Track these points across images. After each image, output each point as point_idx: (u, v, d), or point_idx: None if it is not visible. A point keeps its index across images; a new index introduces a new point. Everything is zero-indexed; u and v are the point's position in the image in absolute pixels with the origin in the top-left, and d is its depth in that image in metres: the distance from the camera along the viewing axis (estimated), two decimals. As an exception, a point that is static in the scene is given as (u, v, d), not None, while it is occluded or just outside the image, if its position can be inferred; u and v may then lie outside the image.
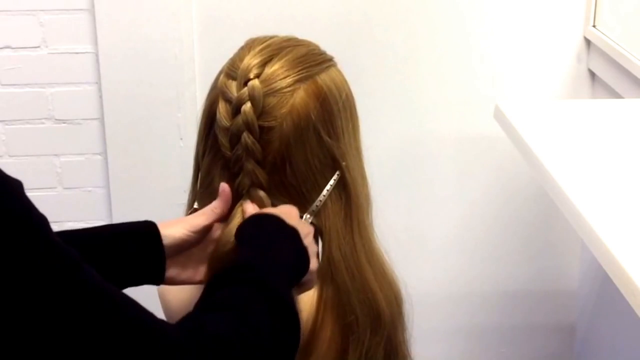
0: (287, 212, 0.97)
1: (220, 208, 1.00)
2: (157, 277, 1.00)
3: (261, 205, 1.00)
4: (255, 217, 0.96)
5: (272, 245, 0.92)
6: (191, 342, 0.74)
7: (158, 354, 0.72)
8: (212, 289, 0.85)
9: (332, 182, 1.03)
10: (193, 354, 0.74)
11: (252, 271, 0.86)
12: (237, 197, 1.01)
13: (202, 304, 0.84)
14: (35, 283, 0.68)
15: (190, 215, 1.02)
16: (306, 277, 0.95)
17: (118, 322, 0.71)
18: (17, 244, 0.67)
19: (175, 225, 1.00)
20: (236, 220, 0.99)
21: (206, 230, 1.01)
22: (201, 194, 1.06)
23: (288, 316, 0.85)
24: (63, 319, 0.69)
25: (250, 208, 0.99)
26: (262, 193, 1.00)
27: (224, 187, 1.00)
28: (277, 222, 0.94)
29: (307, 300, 1.02)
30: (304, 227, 0.97)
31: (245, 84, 0.98)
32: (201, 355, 0.74)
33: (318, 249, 1.02)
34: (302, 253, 0.94)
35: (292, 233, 0.94)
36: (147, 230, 0.99)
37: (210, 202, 1.03)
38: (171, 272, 1.01)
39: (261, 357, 0.80)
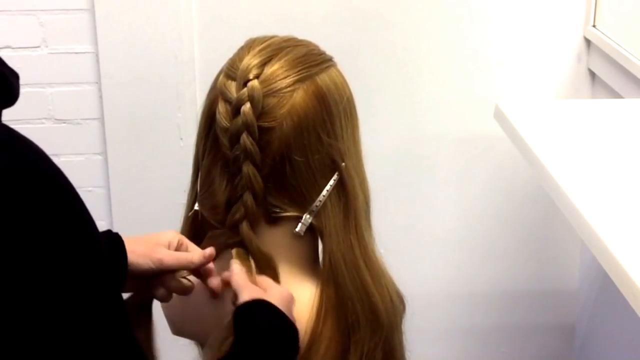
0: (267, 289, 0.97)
1: (198, 263, 1.01)
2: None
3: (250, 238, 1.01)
4: (247, 316, 0.94)
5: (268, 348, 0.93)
6: None
7: None
8: None
9: (331, 182, 1.03)
10: None
11: None
12: (234, 199, 1.01)
13: None
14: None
15: (162, 251, 1.01)
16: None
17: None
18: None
19: (143, 257, 1.00)
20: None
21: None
22: (202, 195, 1.05)
23: None
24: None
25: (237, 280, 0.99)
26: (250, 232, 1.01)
27: (211, 251, 1.02)
28: (266, 319, 0.94)
29: (307, 301, 1.02)
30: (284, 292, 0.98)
31: (245, 84, 0.98)
32: None
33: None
34: (293, 335, 0.95)
35: (281, 318, 0.94)
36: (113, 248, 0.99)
37: (211, 203, 1.03)
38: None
39: None
